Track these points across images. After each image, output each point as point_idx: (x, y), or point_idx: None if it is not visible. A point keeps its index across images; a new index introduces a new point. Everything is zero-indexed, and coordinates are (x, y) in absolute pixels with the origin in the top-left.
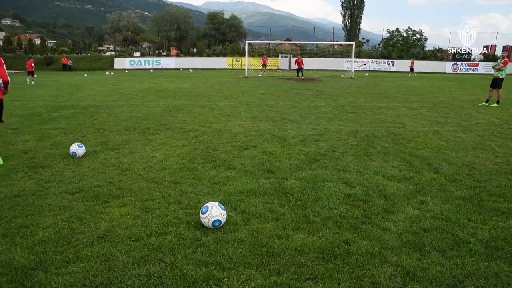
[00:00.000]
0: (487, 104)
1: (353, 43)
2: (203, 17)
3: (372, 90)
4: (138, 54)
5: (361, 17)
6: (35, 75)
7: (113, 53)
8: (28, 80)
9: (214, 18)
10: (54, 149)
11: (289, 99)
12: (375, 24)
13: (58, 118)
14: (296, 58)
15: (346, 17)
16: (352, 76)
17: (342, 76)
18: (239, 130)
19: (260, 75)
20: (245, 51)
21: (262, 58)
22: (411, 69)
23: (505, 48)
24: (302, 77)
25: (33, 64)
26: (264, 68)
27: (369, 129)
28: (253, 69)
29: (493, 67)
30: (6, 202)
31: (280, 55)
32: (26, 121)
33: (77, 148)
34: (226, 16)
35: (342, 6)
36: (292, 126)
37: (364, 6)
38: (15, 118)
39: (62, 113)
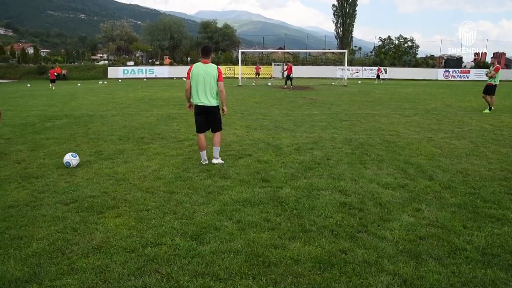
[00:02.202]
0: (490, 111)
1: (346, 51)
2: (196, 26)
3: (365, 98)
4: (132, 63)
5: (353, 25)
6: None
7: (106, 62)
8: (51, 85)
9: (207, 27)
10: (47, 159)
11: (283, 108)
12: (367, 32)
13: (52, 127)
14: (285, 65)
15: (338, 25)
16: (345, 84)
17: (334, 83)
18: (234, 139)
19: (253, 84)
20: (238, 60)
21: (255, 66)
22: (378, 77)
23: (494, 54)
24: (291, 86)
25: (55, 73)
26: (257, 76)
27: (363, 137)
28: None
29: (486, 75)
30: None
31: (273, 63)
32: (19, 131)
33: (71, 158)
34: (219, 25)
35: (334, 15)
36: (286, 134)
37: (356, 14)
38: (8, 128)
39: (56, 123)
